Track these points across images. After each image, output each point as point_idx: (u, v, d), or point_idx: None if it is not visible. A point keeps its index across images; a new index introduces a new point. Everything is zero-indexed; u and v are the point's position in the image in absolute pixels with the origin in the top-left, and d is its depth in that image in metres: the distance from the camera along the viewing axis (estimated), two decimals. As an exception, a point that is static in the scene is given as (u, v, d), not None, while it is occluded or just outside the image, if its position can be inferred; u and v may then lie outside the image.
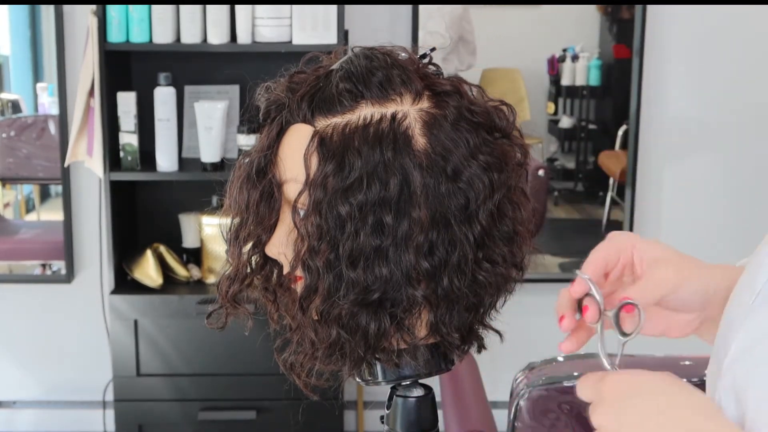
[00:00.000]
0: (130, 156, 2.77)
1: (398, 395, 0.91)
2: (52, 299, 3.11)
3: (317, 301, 0.85)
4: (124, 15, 2.69)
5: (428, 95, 0.86)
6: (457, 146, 0.84)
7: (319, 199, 0.83)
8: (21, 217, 3.26)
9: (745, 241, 3.37)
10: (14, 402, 3.21)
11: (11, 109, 3.14)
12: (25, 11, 3.08)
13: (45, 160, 3.08)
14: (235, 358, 2.80)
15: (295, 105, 0.87)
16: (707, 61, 3.01)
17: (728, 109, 3.03)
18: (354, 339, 0.85)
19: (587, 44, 3.11)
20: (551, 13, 3.06)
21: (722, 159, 3.06)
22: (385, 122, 0.83)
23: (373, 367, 0.90)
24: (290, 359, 0.92)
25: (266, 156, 0.88)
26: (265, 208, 0.88)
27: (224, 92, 2.93)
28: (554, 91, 3.15)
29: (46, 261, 3.13)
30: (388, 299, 0.84)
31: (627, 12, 3.01)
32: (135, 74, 2.92)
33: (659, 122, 3.02)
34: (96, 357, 3.07)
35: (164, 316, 2.78)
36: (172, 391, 2.83)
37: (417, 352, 0.88)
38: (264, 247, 0.90)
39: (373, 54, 0.87)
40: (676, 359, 1.76)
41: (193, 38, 2.72)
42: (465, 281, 0.85)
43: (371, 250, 0.82)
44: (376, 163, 0.82)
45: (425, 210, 0.83)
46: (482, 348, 0.93)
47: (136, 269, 2.84)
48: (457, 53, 2.99)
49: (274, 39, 2.71)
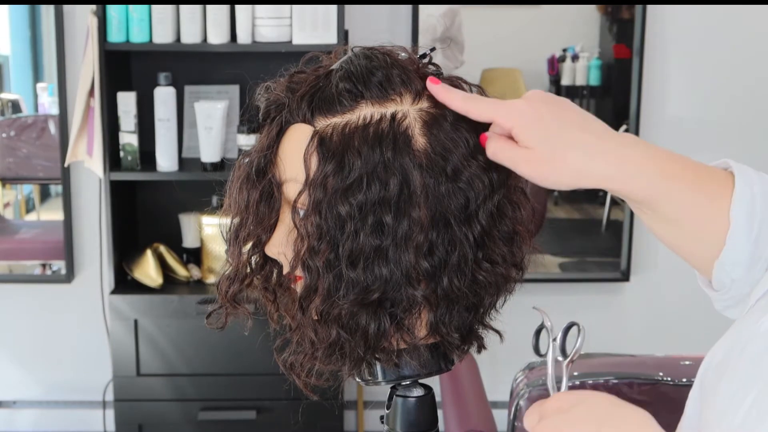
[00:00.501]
0: (130, 156, 2.77)
1: (398, 395, 0.91)
2: (52, 299, 3.11)
3: (317, 301, 0.85)
4: (124, 15, 2.69)
5: (428, 95, 0.86)
6: (456, 146, 0.84)
7: (319, 199, 0.83)
8: (21, 217, 3.26)
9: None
10: (14, 402, 3.21)
11: (11, 109, 3.14)
12: (25, 11, 3.08)
13: (45, 160, 3.08)
14: (235, 358, 2.80)
15: (295, 105, 0.87)
16: (707, 61, 3.01)
17: (728, 109, 3.03)
18: (354, 339, 0.85)
19: (587, 44, 3.11)
20: (551, 13, 3.06)
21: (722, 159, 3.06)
22: (384, 122, 0.83)
23: (372, 367, 0.90)
24: (290, 359, 0.92)
25: (266, 156, 0.88)
26: (264, 208, 0.88)
27: (224, 92, 2.93)
28: (554, 91, 3.15)
29: (46, 261, 3.13)
30: (388, 299, 0.84)
31: (627, 12, 3.01)
32: (135, 74, 2.92)
33: (659, 122, 3.02)
34: (96, 357, 3.07)
35: (164, 316, 2.78)
36: (172, 391, 2.83)
37: (417, 352, 0.88)
38: (264, 247, 0.90)
39: (373, 54, 0.87)
40: (676, 359, 1.76)
41: (193, 38, 2.72)
42: (465, 281, 0.85)
43: (371, 250, 0.82)
44: (375, 163, 0.82)
45: (425, 210, 0.83)
46: (482, 348, 0.93)
47: (136, 269, 2.84)
48: (449, 51, 2.99)
49: (274, 39, 2.71)
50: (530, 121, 0.82)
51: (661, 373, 1.70)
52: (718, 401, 0.68)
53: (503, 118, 0.83)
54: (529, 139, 0.82)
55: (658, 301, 3.09)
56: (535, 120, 0.82)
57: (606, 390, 1.69)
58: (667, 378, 1.69)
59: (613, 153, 0.83)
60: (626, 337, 3.10)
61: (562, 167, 0.82)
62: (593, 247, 3.17)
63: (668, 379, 1.69)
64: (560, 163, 0.82)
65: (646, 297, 3.11)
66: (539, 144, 0.82)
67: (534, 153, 0.82)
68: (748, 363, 0.67)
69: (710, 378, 0.71)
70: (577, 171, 0.82)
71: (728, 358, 0.69)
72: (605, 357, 1.81)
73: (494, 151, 0.83)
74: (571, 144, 0.82)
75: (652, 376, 1.69)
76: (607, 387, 1.68)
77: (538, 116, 0.82)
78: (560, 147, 0.82)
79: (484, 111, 0.83)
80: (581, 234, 3.22)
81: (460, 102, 0.84)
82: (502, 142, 0.83)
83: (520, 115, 0.82)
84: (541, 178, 0.82)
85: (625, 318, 3.15)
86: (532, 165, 0.82)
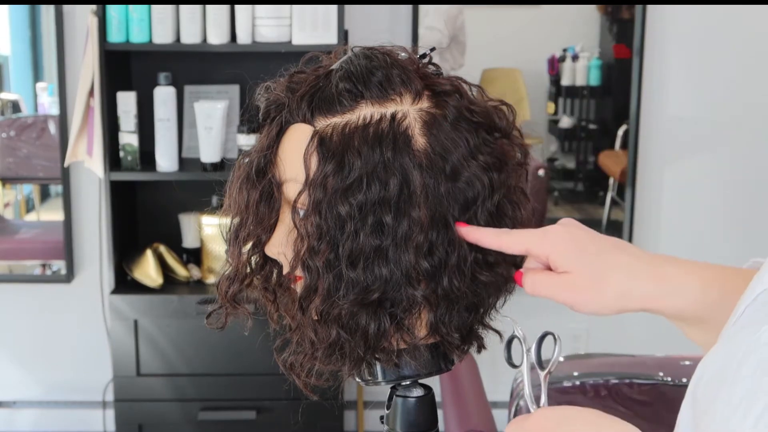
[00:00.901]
0: (130, 156, 2.77)
1: (398, 395, 0.91)
2: (52, 299, 3.11)
3: (317, 301, 0.85)
4: (124, 15, 2.69)
5: (428, 95, 0.86)
6: (456, 146, 0.84)
7: (319, 199, 0.83)
8: (21, 217, 3.26)
9: (745, 240, 3.39)
10: (14, 402, 3.21)
11: (11, 109, 3.14)
12: (25, 11, 3.08)
13: (45, 160, 3.08)
14: (235, 358, 2.80)
15: (295, 105, 0.87)
16: (707, 61, 3.01)
17: (728, 109, 3.03)
18: (354, 339, 0.85)
19: (587, 44, 3.11)
20: (551, 13, 3.06)
21: (722, 159, 3.06)
22: (384, 122, 0.83)
23: (372, 367, 0.89)
24: (290, 359, 0.92)
25: (266, 156, 0.87)
26: (264, 208, 0.88)
27: (224, 92, 2.93)
28: (554, 91, 3.15)
29: (46, 261, 3.13)
30: (387, 299, 0.84)
31: (627, 12, 3.01)
32: (135, 74, 2.92)
33: (659, 122, 3.02)
34: (96, 357, 3.07)
35: (164, 316, 2.79)
36: (172, 391, 2.83)
37: (417, 352, 0.88)
38: (264, 247, 0.89)
39: (372, 54, 0.87)
40: (676, 359, 1.76)
41: (193, 38, 2.72)
42: (465, 281, 0.85)
43: (371, 250, 0.82)
44: (375, 163, 0.82)
45: (425, 210, 0.83)
46: (482, 348, 0.93)
47: (136, 269, 2.84)
48: (450, 52, 2.99)
49: (274, 39, 2.72)
50: (568, 246, 0.81)
51: (661, 373, 1.70)
52: (720, 408, 0.67)
53: (538, 247, 0.82)
54: (568, 263, 0.81)
55: (658, 301, 3.09)
56: (572, 244, 0.81)
57: (606, 390, 1.69)
58: (667, 378, 1.69)
59: (654, 271, 0.81)
60: (626, 337, 3.10)
61: (606, 290, 0.80)
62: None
63: (668, 379, 1.69)
64: (604, 286, 0.80)
65: (646, 297, 3.11)
66: (580, 268, 0.80)
67: (574, 278, 0.80)
68: (753, 371, 0.66)
69: (705, 390, 0.70)
70: (621, 293, 0.81)
71: (726, 368, 0.68)
72: (605, 357, 1.81)
73: (533, 286, 0.83)
74: (612, 266, 0.81)
75: (652, 376, 1.69)
76: (607, 387, 1.69)
77: (575, 240, 0.81)
78: (602, 270, 0.80)
79: (517, 243, 0.83)
80: (581, 234, 3.22)
81: (493, 239, 0.83)
82: (539, 274, 0.82)
83: (557, 240, 0.81)
84: (584, 303, 0.81)
85: (625, 318, 3.14)
86: (575, 292, 0.81)
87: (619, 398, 1.68)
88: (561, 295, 0.81)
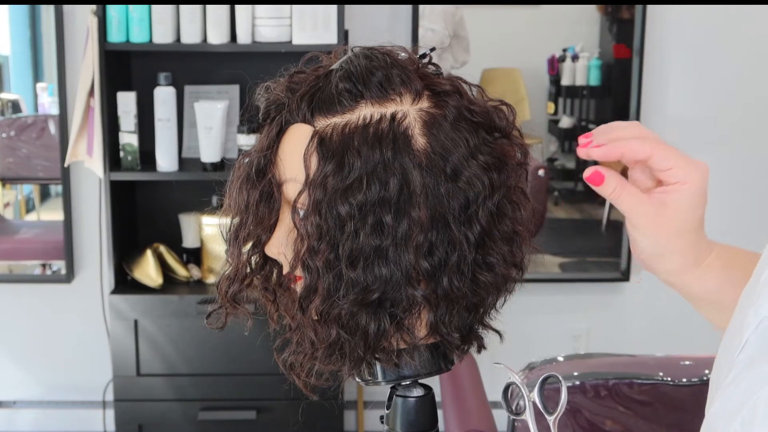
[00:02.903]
0: (130, 156, 2.77)
1: (398, 395, 0.91)
2: (52, 299, 3.11)
3: (317, 301, 0.85)
4: (124, 15, 2.69)
5: (428, 95, 0.86)
6: (456, 146, 0.84)
7: (319, 199, 0.83)
8: (21, 217, 3.26)
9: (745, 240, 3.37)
10: (14, 402, 3.21)
11: (11, 109, 3.14)
12: (25, 11, 3.08)
13: (45, 160, 3.08)
14: (235, 358, 2.80)
15: (295, 105, 0.87)
16: (707, 61, 3.01)
17: (728, 109, 3.03)
18: (354, 339, 0.85)
19: (587, 44, 3.11)
20: (551, 13, 3.06)
21: (722, 159, 3.06)
22: (384, 122, 0.83)
23: (372, 367, 0.89)
24: (290, 359, 0.92)
25: (266, 156, 0.87)
26: (264, 208, 0.88)
27: (224, 92, 2.93)
28: (554, 91, 3.15)
29: (46, 261, 3.13)
30: (387, 299, 0.84)
31: (627, 12, 3.01)
32: (135, 74, 2.92)
33: (659, 122, 3.02)
34: (96, 357, 3.07)
35: (164, 316, 2.79)
36: (172, 391, 2.83)
37: (417, 352, 0.88)
38: (264, 247, 0.89)
39: (372, 54, 0.87)
40: (676, 359, 1.76)
41: (193, 38, 2.72)
42: (465, 281, 0.85)
43: (371, 250, 0.82)
44: (375, 163, 0.82)
45: (425, 210, 0.83)
46: (482, 348, 0.93)
47: (136, 269, 2.84)
48: (451, 50, 2.99)
49: (274, 39, 2.72)
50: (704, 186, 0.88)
51: (661, 373, 1.70)
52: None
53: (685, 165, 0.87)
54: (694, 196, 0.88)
55: (658, 301, 3.09)
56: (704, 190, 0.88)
57: (606, 390, 1.69)
58: (667, 378, 1.69)
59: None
60: (626, 337, 3.10)
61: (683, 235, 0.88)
62: (593, 247, 3.17)
63: (668, 379, 1.69)
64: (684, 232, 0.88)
65: (646, 297, 3.11)
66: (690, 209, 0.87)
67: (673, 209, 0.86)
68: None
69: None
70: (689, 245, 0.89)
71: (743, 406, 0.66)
72: (605, 357, 1.81)
73: (617, 189, 0.84)
74: (701, 227, 0.88)
75: (652, 376, 1.69)
76: (607, 387, 1.68)
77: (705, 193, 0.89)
78: (698, 221, 0.88)
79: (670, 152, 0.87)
80: (581, 234, 3.22)
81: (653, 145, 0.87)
82: (628, 184, 0.85)
83: (705, 175, 0.87)
84: (652, 227, 0.86)
85: (625, 318, 3.15)
86: (656, 215, 0.85)
87: (619, 398, 1.68)
88: (642, 207, 0.84)
